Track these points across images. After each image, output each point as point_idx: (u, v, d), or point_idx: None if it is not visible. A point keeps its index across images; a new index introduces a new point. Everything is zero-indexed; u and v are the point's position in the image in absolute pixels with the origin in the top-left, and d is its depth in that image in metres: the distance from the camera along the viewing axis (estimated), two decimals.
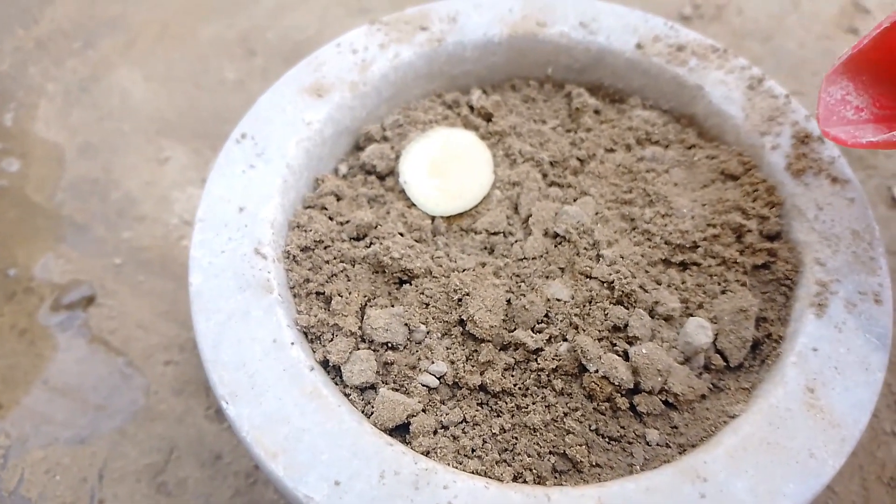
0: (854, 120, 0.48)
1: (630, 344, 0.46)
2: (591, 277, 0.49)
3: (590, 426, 0.44)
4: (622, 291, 0.47)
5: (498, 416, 0.45)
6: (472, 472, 0.41)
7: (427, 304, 0.48)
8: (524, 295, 0.48)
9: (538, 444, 0.43)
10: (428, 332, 0.47)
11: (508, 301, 0.48)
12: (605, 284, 0.48)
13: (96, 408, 0.68)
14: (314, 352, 0.45)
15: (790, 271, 0.50)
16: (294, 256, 0.49)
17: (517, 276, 0.49)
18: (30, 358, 0.71)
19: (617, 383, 0.44)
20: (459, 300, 0.47)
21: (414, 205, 0.53)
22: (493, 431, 0.44)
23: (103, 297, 0.75)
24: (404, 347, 0.46)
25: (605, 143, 0.56)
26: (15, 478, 0.64)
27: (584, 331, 0.47)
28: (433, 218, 0.52)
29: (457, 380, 0.45)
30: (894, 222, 0.80)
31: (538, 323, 0.47)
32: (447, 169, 0.53)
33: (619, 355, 0.46)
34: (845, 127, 0.48)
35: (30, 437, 0.66)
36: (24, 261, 0.77)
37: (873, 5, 0.99)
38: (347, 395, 0.44)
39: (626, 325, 0.47)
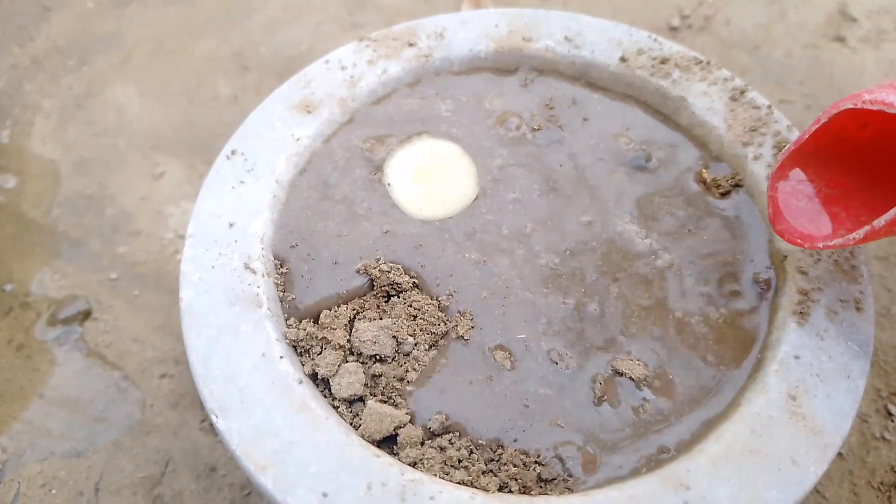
0: (807, 210, 0.48)
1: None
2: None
3: None
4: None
5: None
6: (459, 483, 0.42)
7: (415, 317, 0.48)
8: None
9: (523, 453, 0.44)
10: (416, 344, 0.47)
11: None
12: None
13: (93, 421, 0.69)
14: (303, 365, 0.46)
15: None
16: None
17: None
18: (26, 372, 0.72)
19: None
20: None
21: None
22: (480, 442, 0.44)
23: (99, 311, 0.76)
24: (392, 359, 0.47)
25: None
26: (11, 493, 0.65)
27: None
28: None
29: None
30: None
31: None
32: (431, 176, 0.54)
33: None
34: (800, 219, 0.48)
35: (26, 451, 0.67)
36: (20, 276, 0.78)
37: (860, 14, 1.00)
38: (336, 408, 0.45)
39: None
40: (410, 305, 0.49)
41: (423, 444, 0.44)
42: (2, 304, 0.76)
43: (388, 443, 0.44)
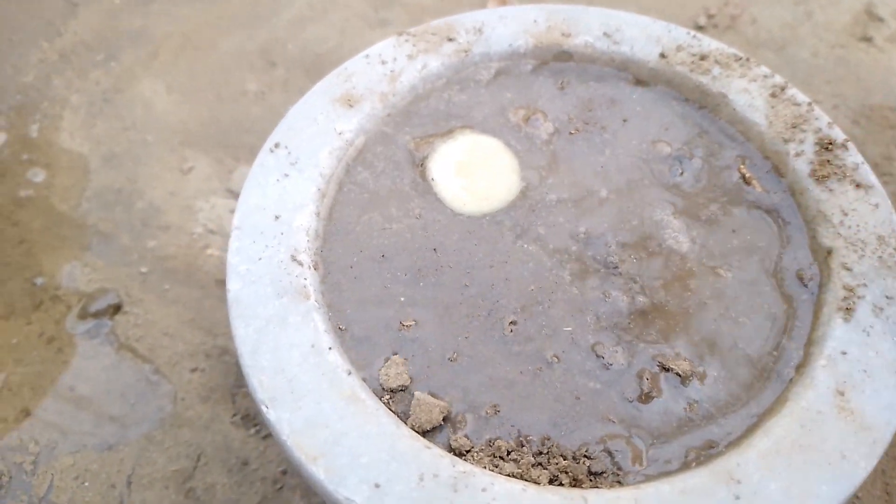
0: None
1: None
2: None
3: None
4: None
5: None
6: (509, 475, 0.42)
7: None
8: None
9: (572, 446, 0.44)
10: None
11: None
12: None
13: (124, 414, 0.69)
14: None
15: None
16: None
17: None
18: (57, 365, 0.72)
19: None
20: None
21: None
22: (529, 436, 0.44)
23: (129, 305, 0.76)
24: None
25: None
26: (45, 484, 0.65)
27: None
28: None
29: None
30: None
31: None
32: (474, 171, 0.54)
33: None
34: None
35: (58, 443, 0.67)
36: (50, 269, 0.78)
37: (887, 14, 1.00)
38: (383, 399, 0.45)
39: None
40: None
41: (471, 435, 0.44)
42: (32, 298, 0.76)
43: (436, 433, 0.44)
